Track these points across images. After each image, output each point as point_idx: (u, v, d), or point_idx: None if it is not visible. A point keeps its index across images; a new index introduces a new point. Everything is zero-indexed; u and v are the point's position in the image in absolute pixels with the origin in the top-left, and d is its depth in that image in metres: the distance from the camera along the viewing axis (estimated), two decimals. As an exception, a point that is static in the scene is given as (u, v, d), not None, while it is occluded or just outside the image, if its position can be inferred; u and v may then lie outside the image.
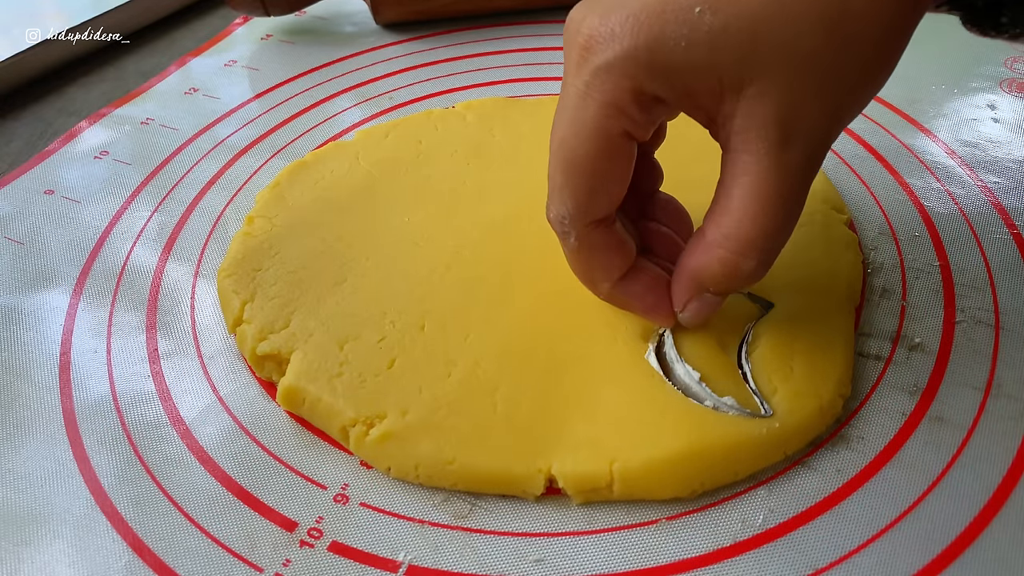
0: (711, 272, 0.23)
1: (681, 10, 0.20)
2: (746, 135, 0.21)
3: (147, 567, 0.23)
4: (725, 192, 0.22)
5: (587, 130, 0.21)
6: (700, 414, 0.25)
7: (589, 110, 0.21)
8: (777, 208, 0.21)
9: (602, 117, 0.21)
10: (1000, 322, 0.28)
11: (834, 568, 0.22)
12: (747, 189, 0.21)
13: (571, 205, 0.23)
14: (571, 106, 0.22)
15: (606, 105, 0.21)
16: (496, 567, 0.23)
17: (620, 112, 0.21)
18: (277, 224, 0.33)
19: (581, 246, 0.24)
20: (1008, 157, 0.36)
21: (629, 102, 0.21)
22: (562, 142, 0.22)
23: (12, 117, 0.45)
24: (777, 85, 0.20)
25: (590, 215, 0.23)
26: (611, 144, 0.22)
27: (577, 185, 0.22)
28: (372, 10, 0.50)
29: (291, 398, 0.27)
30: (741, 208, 0.22)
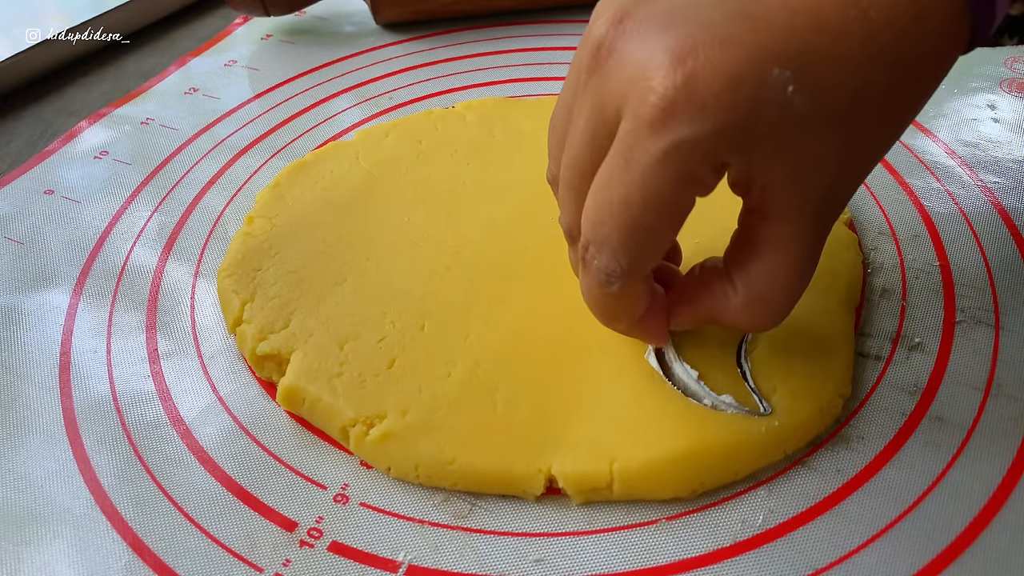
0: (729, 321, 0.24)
1: (776, 89, 0.19)
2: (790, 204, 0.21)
3: (147, 567, 0.23)
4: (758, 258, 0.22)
5: (660, 200, 0.20)
6: (699, 414, 0.25)
7: (666, 181, 0.20)
8: (808, 273, 0.22)
9: (679, 188, 0.20)
10: (1000, 322, 0.28)
11: (834, 568, 0.22)
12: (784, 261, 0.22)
13: (626, 263, 0.22)
14: (640, 170, 0.20)
15: (685, 176, 0.20)
16: (496, 567, 0.23)
17: (695, 183, 0.20)
18: (277, 224, 0.33)
19: (623, 295, 0.23)
20: (1008, 157, 0.36)
21: (707, 172, 0.20)
22: (627, 205, 0.20)
23: (12, 117, 0.45)
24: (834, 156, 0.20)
25: (642, 271, 0.23)
26: (678, 210, 0.21)
27: (638, 247, 0.21)
28: (372, 10, 0.50)
29: (291, 398, 0.27)
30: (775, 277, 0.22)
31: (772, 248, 0.22)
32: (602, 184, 0.21)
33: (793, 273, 0.22)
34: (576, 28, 0.49)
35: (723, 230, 0.24)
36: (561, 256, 0.27)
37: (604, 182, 0.21)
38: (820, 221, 0.22)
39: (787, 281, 0.22)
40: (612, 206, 0.21)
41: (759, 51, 0.19)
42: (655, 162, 0.19)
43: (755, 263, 0.22)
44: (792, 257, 0.22)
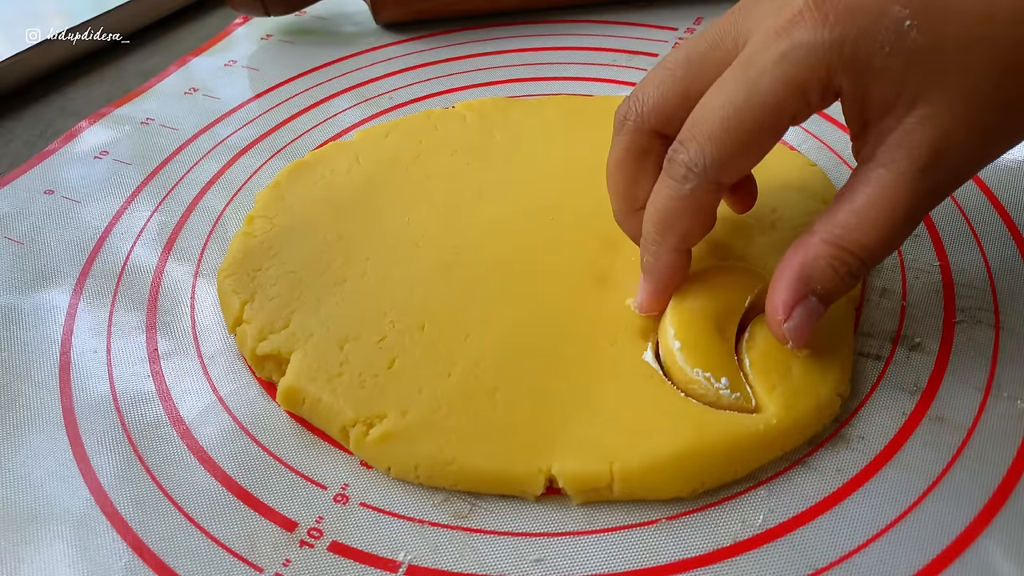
0: (819, 268, 0.23)
1: (894, 19, 0.21)
2: (896, 152, 0.22)
3: (147, 567, 0.23)
4: (850, 196, 0.23)
5: (765, 99, 0.21)
6: (699, 413, 0.25)
7: (776, 83, 0.21)
8: (899, 224, 0.22)
9: (785, 93, 0.21)
10: (1000, 322, 0.28)
11: (834, 568, 0.22)
12: (876, 199, 0.22)
13: (712, 159, 0.22)
14: (756, 69, 0.21)
15: (794, 83, 0.21)
16: (496, 567, 0.23)
17: (803, 95, 0.21)
18: (277, 224, 0.33)
19: (693, 197, 0.23)
20: (1008, 157, 0.36)
21: (816, 87, 0.21)
22: (732, 99, 0.22)
23: (12, 117, 0.45)
24: (946, 113, 0.21)
25: (724, 176, 0.23)
26: (778, 122, 0.22)
27: (729, 144, 0.22)
28: (372, 10, 0.50)
29: (291, 398, 0.27)
30: (865, 213, 0.22)
31: (866, 188, 0.22)
32: (715, 88, 0.22)
33: (888, 215, 0.22)
34: (576, 28, 0.49)
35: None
36: (562, 256, 0.27)
37: (717, 86, 0.22)
38: (924, 181, 0.22)
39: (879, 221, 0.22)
40: (718, 100, 0.22)
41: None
42: (771, 63, 0.21)
43: (845, 204, 0.23)
44: (890, 199, 0.22)
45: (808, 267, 0.23)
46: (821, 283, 0.23)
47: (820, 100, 0.22)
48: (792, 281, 0.23)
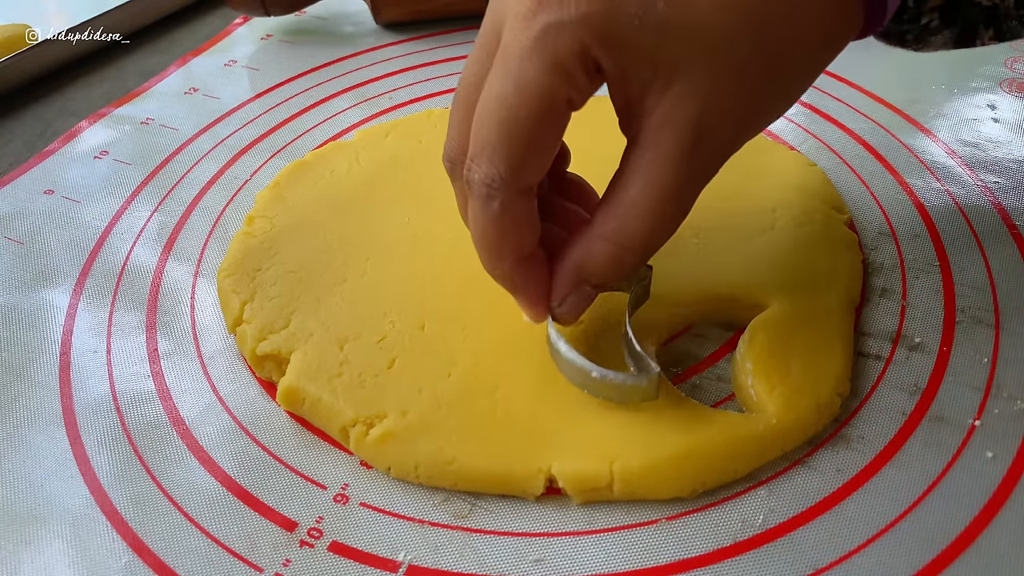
0: (595, 264, 0.23)
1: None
2: (659, 133, 0.21)
3: (147, 567, 0.23)
4: (622, 186, 0.22)
5: (532, 89, 0.20)
6: (698, 413, 0.25)
7: (537, 68, 0.20)
8: (670, 209, 0.22)
9: (550, 77, 0.20)
10: (1000, 322, 0.28)
11: (834, 568, 0.22)
12: (644, 187, 0.22)
13: (504, 167, 0.21)
14: (515, 61, 0.20)
15: (555, 66, 0.20)
16: (496, 567, 0.23)
17: (567, 76, 0.21)
18: (277, 224, 0.33)
19: (504, 212, 0.22)
20: (1008, 157, 0.36)
21: (576, 66, 0.20)
22: (501, 98, 0.21)
23: (12, 117, 0.45)
24: (703, 88, 0.21)
25: (523, 180, 0.22)
26: (554, 108, 0.21)
27: (514, 147, 0.21)
28: (372, 10, 0.50)
29: (291, 398, 0.27)
30: (635, 205, 0.22)
31: (635, 176, 0.22)
32: (484, 92, 0.21)
33: (657, 203, 0.22)
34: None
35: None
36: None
37: (485, 88, 0.21)
38: (689, 157, 0.21)
39: (648, 211, 0.22)
40: (489, 104, 0.21)
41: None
42: (527, 50, 0.20)
43: (619, 193, 0.22)
44: (657, 185, 0.21)
45: (583, 263, 0.24)
46: (595, 275, 0.24)
47: (586, 80, 0.21)
48: (568, 275, 0.24)
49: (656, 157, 0.21)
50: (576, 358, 0.25)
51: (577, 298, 0.25)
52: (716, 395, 0.27)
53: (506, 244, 0.23)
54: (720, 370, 0.28)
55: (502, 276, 0.25)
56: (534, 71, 0.20)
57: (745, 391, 0.26)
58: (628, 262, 0.23)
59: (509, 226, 0.23)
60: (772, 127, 0.39)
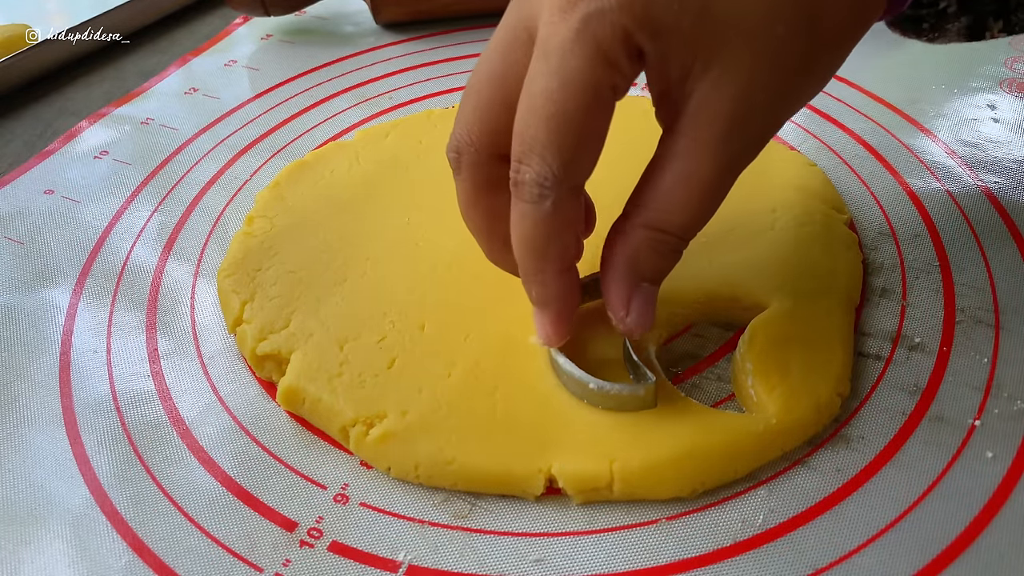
0: (644, 256, 0.23)
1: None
2: (695, 119, 0.21)
3: (147, 567, 0.23)
4: (658, 173, 0.22)
5: (578, 81, 0.20)
6: (698, 413, 0.25)
7: (581, 59, 0.20)
8: (709, 196, 0.22)
9: (594, 67, 0.20)
10: (1000, 322, 0.28)
11: (834, 568, 0.22)
12: (682, 175, 0.21)
13: (557, 164, 0.21)
14: (557, 54, 0.20)
15: (599, 54, 0.20)
16: (496, 567, 0.23)
17: (611, 64, 0.20)
18: (277, 224, 0.33)
19: (556, 212, 0.22)
20: (1008, 157, 0.36)
21: (620, 52, 0.20)
22: (547, 93, 0.20)
23: (12, 117, 0.45)
24: (743, 70, 0.20)
25: (576, 176, 0.22)
26: (601, 98, 0.21)
27: (565, 142, 0.21)
28: (372, 10, 0.50)
29: (291, 398, 0.27)
30: (674, 192, 0.21)
31: (672, 163, 0.21)
32: (526, 88, 0.21)
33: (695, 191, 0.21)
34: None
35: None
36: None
37: (528, 84, 0.21)
38: (728, 147, 0.21)
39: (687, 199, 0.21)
40: (535, 101, 0.21)
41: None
42: (569, 42, 0.20)
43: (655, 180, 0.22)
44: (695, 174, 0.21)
45: (632, 257, 0.23)
46: (648, 268, 0.23)
47: (630, 66, 0.21)
48: (622, 276, 0.23)
49: (695, 142, 0.21)
50: (574, 370, 0.25)
51: (641, 300, 0.23)
52: (716, 395, 0.27)
53: (552, 249, 0.23)
54: (720, 370, 0.28)
55: (543, 283, 0.24)
56: (578, 62, 0.20)
57: (745, 391, 0.26)
58: (674, 247, 0.22)
59: (558, 228, 0.22)
60: (772, 127, 0.39)
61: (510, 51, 0.22)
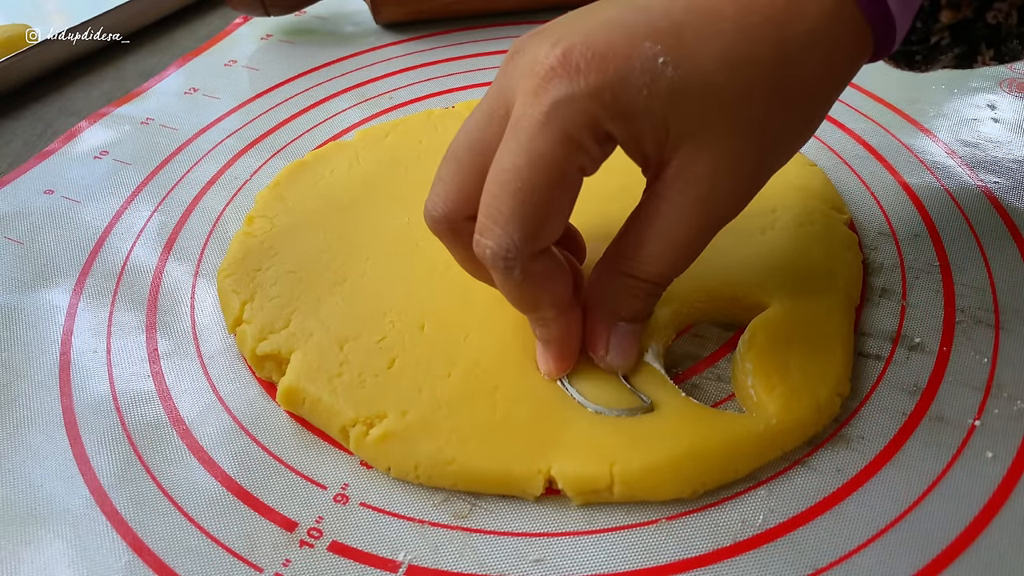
0: (620, 299, 0.24)
1: (646, 59, 0.20)
2: (675, 184, 0.22)
3: (147, 567, 0.23)
4: (637, 227, 0.23)
5: (544, 161, 0.21)
6: (698, 413, 0.25)
7: (548, 142, 0.21)
8: (685, 254, 0.23)
9: (561, 151, 0.21)
10: (1000, 322, 0.28)
11: (834, 568, 0.22)
12: (659, 234, 0.23)
13: (519, 237, 0.22)
14: (526, 134, 0.21)
15: (566, 138, 0.21)
16: (496, 567, 0.23)
17: (579, 148, 0.21)
18: (277, 224, 0.33)
19: (526, 278, 0.23)
20: (1008, 157, 0.36)
21: (588, 137, 0.21)
22: (515, 170, 0.21)
23: (12, 117, 0.45)
24: (718, 145, 0.21)
25: (536, 245, 0.23)
26: (566, 177, 0.21)
27: (527, 216, 0.21)
28: (372, 10, 0.50)
29: (291, 398, 0.27)
30: (652, 246, 0.23)
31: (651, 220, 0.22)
32: (495, 162, 0.22)
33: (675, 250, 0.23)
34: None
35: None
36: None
37: (497, 159, 0.22)
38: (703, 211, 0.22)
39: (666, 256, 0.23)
40: (502, 175, 0.22)
41: (632, 28, 0.21)
42: (537, 124, 0.21)
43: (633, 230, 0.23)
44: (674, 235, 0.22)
45: (610, 301, 0.24)
46: (625, 310, 0.25)
47: (598, 148, 0.21)
48: (601, 317, 0.25)
49: (672, 209, 0.22)
50: (575, 394, 0.26)
51: (619, 339, 0.25)
52: (716, 395, 0.27)
53: (542, 299, 0.24)
54: (720, 370, 0.28)
55: (543, 326, 0.25)
56: (546, 144, 0.21)
57: (745, 391, 0.26)
58: (651, 292, 0.24)
59: (538, 287, 0.23)
60: (772, 127, 0.39)
61: (488, 124, 0.23)
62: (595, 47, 0.20)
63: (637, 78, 0.20)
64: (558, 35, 0.21)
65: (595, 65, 0.20)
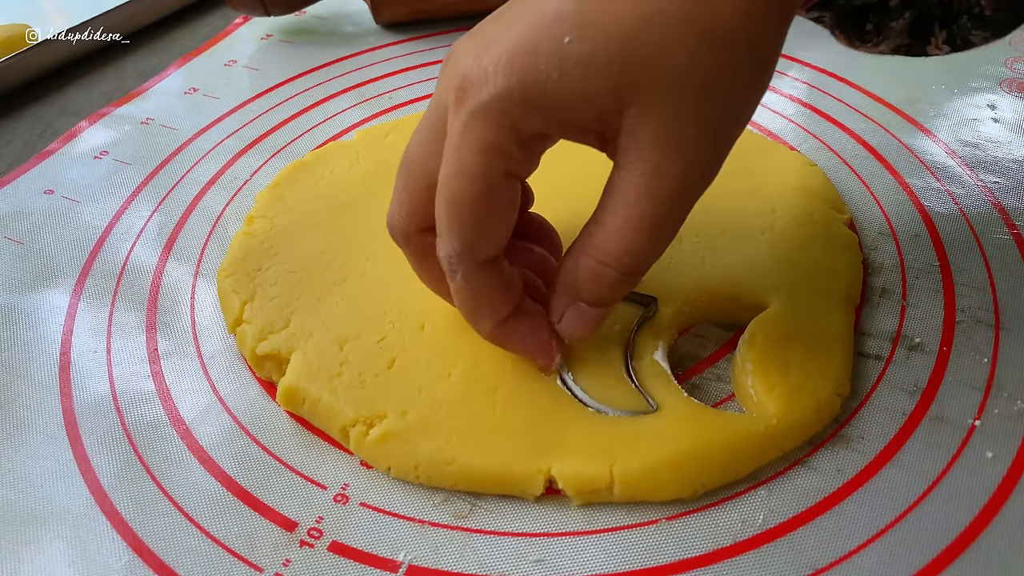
0: (577, 279, 0.23)
1: (552, 41, 0.19)
2: (627, 155, 0.21)
3: (147, 567, 0.23)
4: (602, 205, 0.22)
5: (469, 172, 0.21)
6: (698, 414, 0.25)
7: (469, 152, 0.21)
8: (644, 230, 0.21)
9: (482, 160, 0.21)
10: (1000, 322, 0.28)
11: (834, 568, 0.22)
12: (619, 208, 0.21)
13: (458, 245, 0.22)
14: (452, 147, 0.21)
15: (486, 147, 0.21)
16: (496, 567, 0.23)
17: (500, 153, 0.21)
18: (277, 224, 0.33)
19: (467, 284, 0.23)
20: (1008, 157, 0.36)
21: (509, 141, 0.21)
22: (446, 182, 0.21)
23: (12, 117, 0.45)
24: (657, 104, 0.20)
25: (477, 255, 0.23)
26: (493, 185, 0.21)
27: (464, 226, 0.22)
28: (372, 10, 0.50)
29: (291, 398, 0.27)
30: (611, 224, 0.22)
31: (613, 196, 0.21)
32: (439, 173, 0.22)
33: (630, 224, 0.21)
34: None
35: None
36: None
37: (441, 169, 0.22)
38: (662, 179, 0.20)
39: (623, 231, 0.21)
40: (440, 188, 0.22)
41: (538, 17, 0.20)
42: (459, 135, 0.21)
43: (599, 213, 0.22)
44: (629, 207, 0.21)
45: (572, 280, 0.24)
46: (587, 294, 0.24)
47: (524, 149, 0.21)
48: (561, 293, 0.24)
49: (628, 179, 0.21)
50: (579, 392, 0.26)
51: (573, 315, 0.24)
52: (716, 395, 0.27)
53: (481, 310, 0.24)
54: (720, 370, 0.28)
55: (487, 338, 0.25)
56: (468, 155, 0.21)
57: (745, 391, 0.26)
58: (609, 278, 0.23)
59: (477, 295, 0.24)
60: (772, 127, 0.39)
61: (430, 135, 0.23)
62: (504, 46, 0.20)
63: (544, 67, 0.19)
64: (477, 39, 0.21)
65: (503, 67, 0.20)
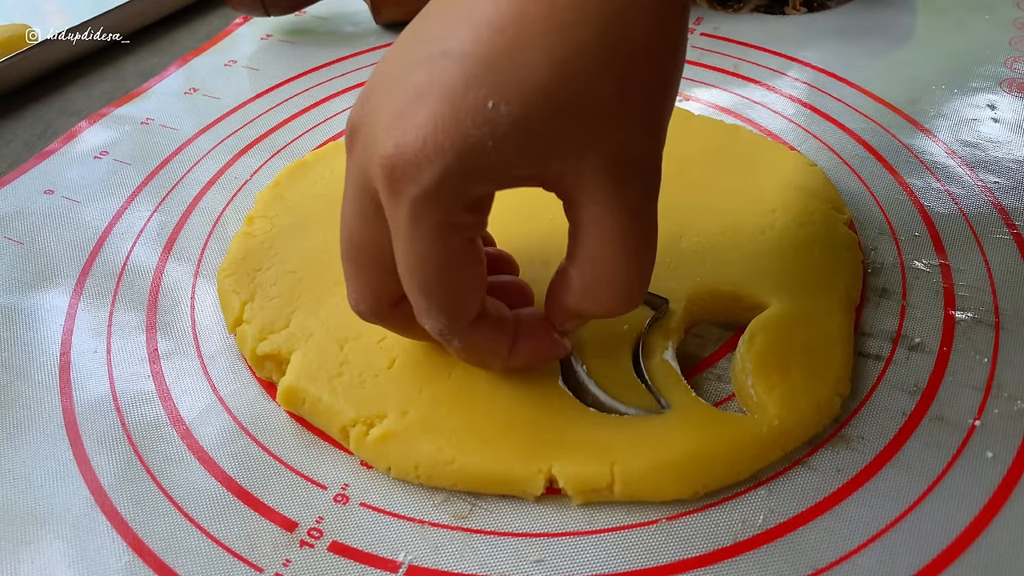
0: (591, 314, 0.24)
1: (475, 111, 0.19)
2: (583, 188, 0.20)
3: (147, 567, 0.23)
4: (579, 241, 0.22)
5: (430, 256, 0.21)
6: (699, 414, 0.25)
7: (424, 240, 0.20)
8: (631, 248, 0.21)
9: (439, 240, 0.20)
10: (1000, 322, 0.28)
11: (834, 568, 0.22)
12: (598, 238, 0.21)
13: (444, 319, 0.22)
14: (404, 238, 0.21)
15: (439, 227, 0.20)
16: (496, 567, 0.23)
17: (454, 227, 0.21)
18: (277, 224, 0.33)
19: (466, 345, 0.24)
20: (1008, 157, 0.36)
21: (460, 213, 0.20)
22: (411, 271, 0.21)
23: (12, 117, 0.45)
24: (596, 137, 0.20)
25: (465, 320, 0.23)
26: (456, 257, 0.21)
27: (442, 304, 0.22)
28: (372, 10, 0.50)
29: (291, 398, 0.27)
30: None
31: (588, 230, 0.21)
32: (397, 258, 0.22)
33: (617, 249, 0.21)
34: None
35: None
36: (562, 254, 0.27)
37: (396, 258, 0.22)
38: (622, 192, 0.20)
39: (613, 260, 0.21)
40: (405, 273, 0.22)
41: (450, 89, 0.19)
42: (409, 225, 0.20)
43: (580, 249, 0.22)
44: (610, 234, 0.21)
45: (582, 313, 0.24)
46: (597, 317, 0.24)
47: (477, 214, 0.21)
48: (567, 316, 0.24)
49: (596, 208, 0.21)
50: (594, 388, 0.26)
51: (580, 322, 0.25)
52: (716, 395, 0.27)
53: (487, 357, 0.25)
54: (720, 370, 0.28)
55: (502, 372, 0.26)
56: (424, 241, 0.20)
57: (745, 391, 0.26)
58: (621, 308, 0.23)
59: (479, 348, 0.24)
60: (772, 127, 0.39)
61: (363, 219, 0.22)
62: (419, 128, 0.19)
63: (477, 137, 0.19)
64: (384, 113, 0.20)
65: (433, 149, 0.19)
